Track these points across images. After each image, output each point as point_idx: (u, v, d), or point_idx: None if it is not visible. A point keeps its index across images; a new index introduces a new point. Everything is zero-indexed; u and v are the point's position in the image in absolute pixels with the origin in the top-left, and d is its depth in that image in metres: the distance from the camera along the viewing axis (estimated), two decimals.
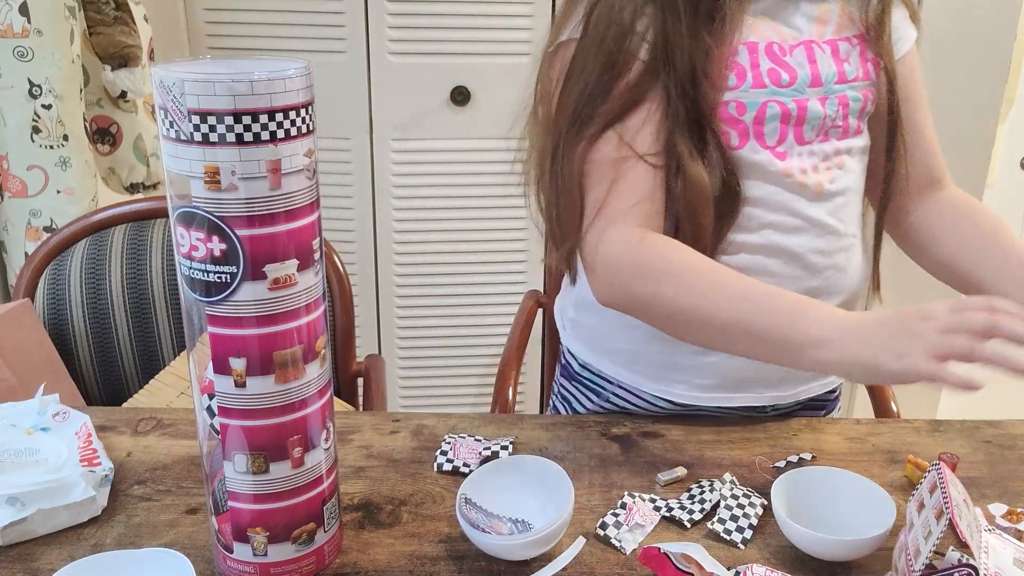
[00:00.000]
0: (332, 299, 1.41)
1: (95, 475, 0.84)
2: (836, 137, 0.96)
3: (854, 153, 0.99)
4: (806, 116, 0.93)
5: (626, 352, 1.04)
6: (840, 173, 0.97)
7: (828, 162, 0.96)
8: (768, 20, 0.93)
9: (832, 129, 0.95)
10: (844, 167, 0.97)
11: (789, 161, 0.93)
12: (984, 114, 2.11)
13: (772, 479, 0.83)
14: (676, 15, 0.87)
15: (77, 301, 1.34)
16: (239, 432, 0.69)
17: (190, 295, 0.67)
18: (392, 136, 2.09)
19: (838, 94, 0.94)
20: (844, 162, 0.97)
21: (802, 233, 0.95)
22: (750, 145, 0.92)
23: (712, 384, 1.00)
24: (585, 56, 0.89)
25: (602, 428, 0.99)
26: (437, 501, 0.86)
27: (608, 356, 1.06)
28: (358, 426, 0.99)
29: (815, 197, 0.95)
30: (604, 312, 1.00)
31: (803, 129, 0.93)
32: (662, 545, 0.71)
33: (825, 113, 0.93)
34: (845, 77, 0.94)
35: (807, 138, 0.94)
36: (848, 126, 0.97)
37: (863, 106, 0.97)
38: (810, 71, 0.92)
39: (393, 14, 1.99)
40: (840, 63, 0.94)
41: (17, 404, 0.94)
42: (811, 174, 0.95)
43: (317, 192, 0.68)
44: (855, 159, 0.99)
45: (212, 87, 0.60)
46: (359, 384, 1.47)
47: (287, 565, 0.74)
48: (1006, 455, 0.96)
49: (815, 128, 0.94)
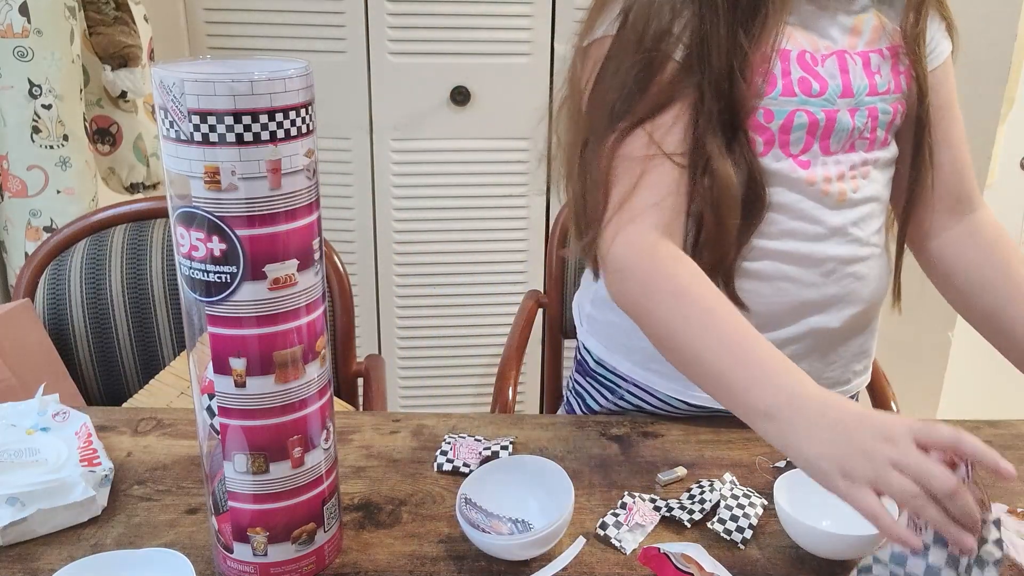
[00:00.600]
0: (332, 299, 1.41)
1: (95, 475, 0.84)
2: (863, 149, 0.96)
3: (880, 164, 0.98)
4: (834, 127, 0.92)
5: (641, 350, 1.03)
6: (865, 183, 0.97)
7: (853, 171, 0.96)
8: (802, 29, 0.92)
9: (859, 141, 0.95)
10: (869, 177, 0.97)
11: (813, 170, 0.93)
12: (984, 114, 2.11)
13: (772, 479, 0.83)
14: (715, 13, 0.86)
15: (77, 301, 1.34)
16: (239, 432, 0.69)
17: (190, 295, 0.67)
18: (392, 136, 2.09)
19: (868, 106, 0.94)
20: (869, 172, 0.97)
21: (823, 240, 0.95)
22: (773, 153, 0.92)
23: None
24: (621, 53, 0.89)
25: (602, 428, 0.99)
26: (437, 501, 0.86)
27: (623, 353, 1.06)
28: (358, 426, 0.99)
29: (837, 205, 0.95)
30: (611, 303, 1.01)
31: (830, 141, 0.93)
32: (662, 545, 0.71)
33: (854, 125, 0.93)
34: (876, 90, 0.94)
35: (833, 149, 0.94)
36: (876, 138, 0.96)
37: (892, 119, 0.96)
38: (841, 82, 0.92)
39: (393, 14, 1.99)
40: (872, 75, 0.94)
41: (17, 404, 0.94)
42: (835, 183, 0.95)
43: (317, 192, 0.68)
44: (880, 170, 0.99)
45: (212, 87, 0.60)
46: (359, 384, 1.47)
47: (287, 565, 0.74)
48: (1006, 455, 0.96)
49: (842, 140, 0.94)
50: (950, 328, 2.29)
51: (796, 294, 0.96)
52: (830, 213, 0.95)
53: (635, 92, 0.89)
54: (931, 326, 2.27)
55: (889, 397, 1.34)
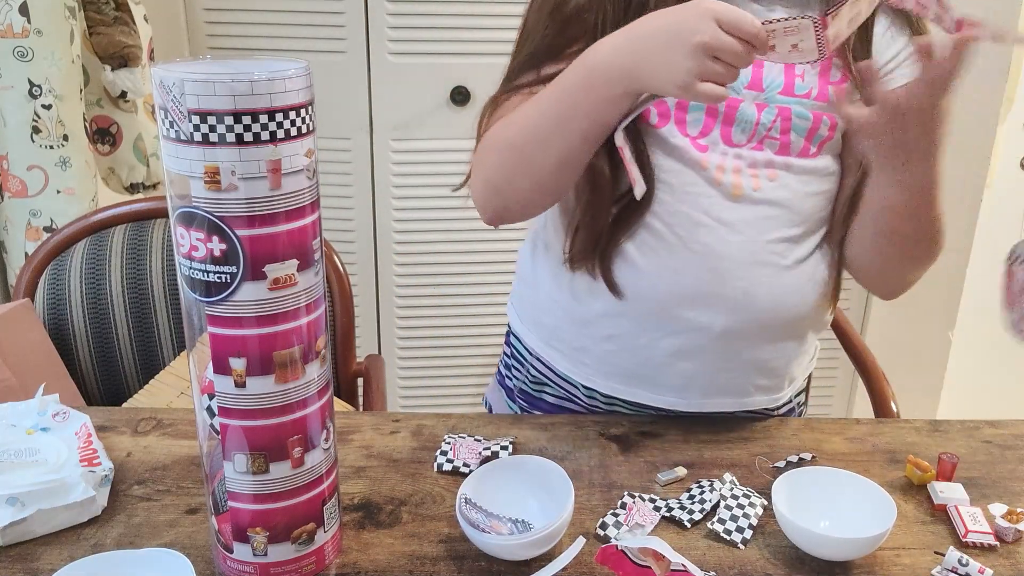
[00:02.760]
0: (332, 299, 1.41)
1: (95, 475, 0.84)
2: (773, 150, 0.92)
3: (796, 171, 0.93)
4: (735, 117, 0.90)
5: (546, 327, 1.05)
6: (771, 185, 0.92)
7: (755, 170, 0.92)
8: None
9: (769, 140, 0.91)
10: (777, 180, 0.92)
11: (709, 155, 0.91)
12: (984, 114, 2.11)
13: (772, 479, 0.83)
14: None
15: (77, 301, 1.34)
16: (239, 432, 0.69)
17: (190, 295, 0.67)
18: (392, 136, 2.09)
19: (780, 105, 0.91)
20: (778, 176, 0.92)
21: (712, 232, 0.92)
22: (669, 128, 0.91)
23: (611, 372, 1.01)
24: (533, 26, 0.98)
25: (602, 428, 0.99)
26: (437, 501, 0.86)
27: (534, 329, 1.08)
28: (358, 426, 0.99)
29: (732, 199, 0.92)
30: (531, 278, 1.06)
31: (732, 130, 0.91)
32: (619, 542, 0.71)
33: (759, 120, 0.90)
34: (793, 91, 0.90)
35: (736, 140, 0.91)
36: (789, 142, 0.92)
37: (813, 127, 0.91)
38: (751, 73, 0.90)
39: (393, 14, 1.99)
40: (792, 76, 0.91)
41: (17, 404, 0.94)
42: (729, 174, 0.91)
43: (317, 192, 0.68)
44: (797, 178, 0.93)
45: (212, 87, 0.60)
46: (359, 384, 1.47)
47: (287, 565, 0.74)
48: (1006, 455, 0.96)
49: (746, 133, 0.91)
50: (950, 328, 2.30)
51: (677, 284, 0.93)
52: (723, 206, 0.91)
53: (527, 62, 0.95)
54: (931, 326, 2.27)
55: (889, 397, 1.34)
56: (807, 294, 0.96)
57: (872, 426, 1.02)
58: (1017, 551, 0.80)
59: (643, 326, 0.96)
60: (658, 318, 0.95)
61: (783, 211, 0.93)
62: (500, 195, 0.96)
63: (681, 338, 0.95)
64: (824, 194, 0.96)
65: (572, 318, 1.01)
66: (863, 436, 0.99)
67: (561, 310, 1.02)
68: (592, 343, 1.00)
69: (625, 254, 0.95)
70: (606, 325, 0.98)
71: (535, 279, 1.06)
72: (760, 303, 0.94)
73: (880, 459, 0.94)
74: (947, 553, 0.77)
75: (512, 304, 1.14)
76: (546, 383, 1.08)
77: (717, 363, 0.97)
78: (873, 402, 1.36)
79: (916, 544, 0.81)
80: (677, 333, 0.95)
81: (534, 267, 1.07)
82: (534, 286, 1.07)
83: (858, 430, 1.01)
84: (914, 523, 0.84)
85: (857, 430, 1.01)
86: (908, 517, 0.84)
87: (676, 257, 0.93)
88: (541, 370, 1.08)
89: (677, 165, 0.91)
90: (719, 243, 0.92)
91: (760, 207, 0.92)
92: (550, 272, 1.03)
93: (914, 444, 0.98)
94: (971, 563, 0.75)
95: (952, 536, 0.82)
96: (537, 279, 1.06)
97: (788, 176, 0.93)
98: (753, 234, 0.92)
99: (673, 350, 0.96)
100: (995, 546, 0.81)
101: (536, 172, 0.90)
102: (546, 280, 1.04)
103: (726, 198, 0.92)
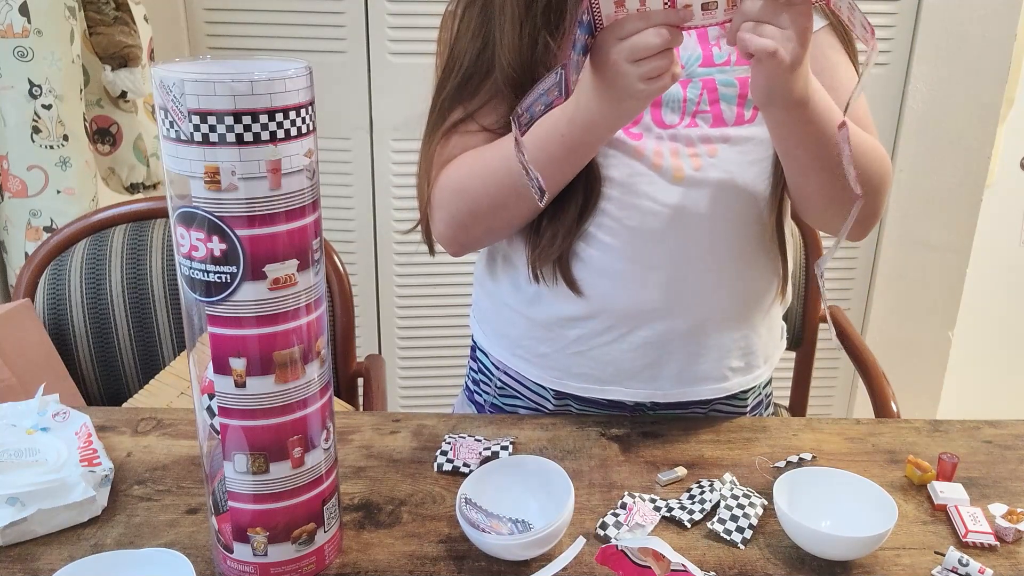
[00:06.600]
0: (332, 299, 1.41)
1: (95, 475, 0.84)
2: (708, 123, 0.91)
3: (734, 142, 0.92)
4: (661, 99, 0.90)
5: (510, 337, 1.05)
6: (711, 161, 0.92)
7: (693, 148, 0.92)
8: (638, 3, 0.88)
9: (700, 114, 0.91)
10: (717, 156, 0.92)
11: (644, 141, 0.91)
12: (984, 114, 2.11)
13: (772, 479, 0.83)
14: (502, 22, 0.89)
15: (77, 301, 1.34)
16: (239, 432, 0.69)
17: (190, 295, 0.67)
18: (392, 136, 2.09)
19: (703, 78, 0.90)
20: (718, 151, 0.92)
21: (662, 218, 0.92)
22: None
23: (582, 374, 1.01)
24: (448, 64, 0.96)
25: (602, 428, 0.99)
26: (437, 501, 0.86)
27: (498, 340, 1.07)
28: (358, 426, 0.99)
29: (675, 182, 0.92)
30: (491, 290, 1.07)
31: (661, 111, 0.91)
32: (619, 542, 0.71)
33: (686, 96, 0.90)
34: (712, 61, 0.90)
35: (668, 121, 0.91)
36: (721, 112, 0.91)
37: (743, 92, 0.91)
38: None
39: (393, 14, 1.99)
40: (707, 46, 0.90)
41: (17, 404, 0.94)
42: (668, 157, 0.91)
43: (317, 192, 0.68)
44: (736, 148, 0.92)
45: (212, 87, 0.60)
46: (359, 384, 1.47)
47: (287, 565, 0.74)
48: (1006, 455, 0.96)
49: (676, 112, 0.91)
50: (950, 328, 2.30)
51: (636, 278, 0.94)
52: (669, 190, 0.91)
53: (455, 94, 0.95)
54: (931, 326, 2.27)
55: (889, 397, 1.34)
56: (764, 267, 0.99)
57: (872, 426, 1.02)
58: (1017, 551, 0.80)
59: (607, 324, 0.97)
60: (622, 314, 0.96)
61: (728, 186, 0.93)
62: (466, 231, 0.98)
63: (646, 330, 0.96)
64: (765, 160, 0.95)
65: (536, 325, 1.01)
66: (863, 436, 0.99)
67: (524, 319, 1.02)
68: (559, 347, 1.00)
69: (583, 255, 0.95)
70: (571, 328, 0.99)
71: (496, 291, 1.06)
72: (722, 285, 0.96)
73: (880, 459, 0.94)
74: (947, 553, 0.77)
75: (474, 318, 1.13)
76: (515, 395, 1.08)
77: (688, 349, 0.98)
78: (873, 402, 1.36)
79: (916, 544, 0.81)
80: (642, 326, 0.96)
81: (494, 279, 1.07)
82: (495, 297, 1.06)
83: (858, 430, 1.01)
84: (914, 523, 0.84)
85: (857, 430, 1.01)
86: (908, 517, 0.84)
87: (632, 250, 0.93)
88: (508, 383, 1.08)
89: (618, 158, 0.92)
90: (671, 230, 0.92)
91: (704, 187, 0.92)
92: (510, 283, 1.03)
93: (914, 444, 0.98)
94: (971, 563, 0.75)
95: (952, 536, 0.82)
96: (499, 291, 1.06)
97: (727, 149, 0.93)
98: (703, 214, 0.93)
99: (640, 343, 0.97)
100: (995, 546, 0.81)
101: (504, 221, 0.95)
102: (507, 291, 1.04)
103: (670, 182, 0.92)
